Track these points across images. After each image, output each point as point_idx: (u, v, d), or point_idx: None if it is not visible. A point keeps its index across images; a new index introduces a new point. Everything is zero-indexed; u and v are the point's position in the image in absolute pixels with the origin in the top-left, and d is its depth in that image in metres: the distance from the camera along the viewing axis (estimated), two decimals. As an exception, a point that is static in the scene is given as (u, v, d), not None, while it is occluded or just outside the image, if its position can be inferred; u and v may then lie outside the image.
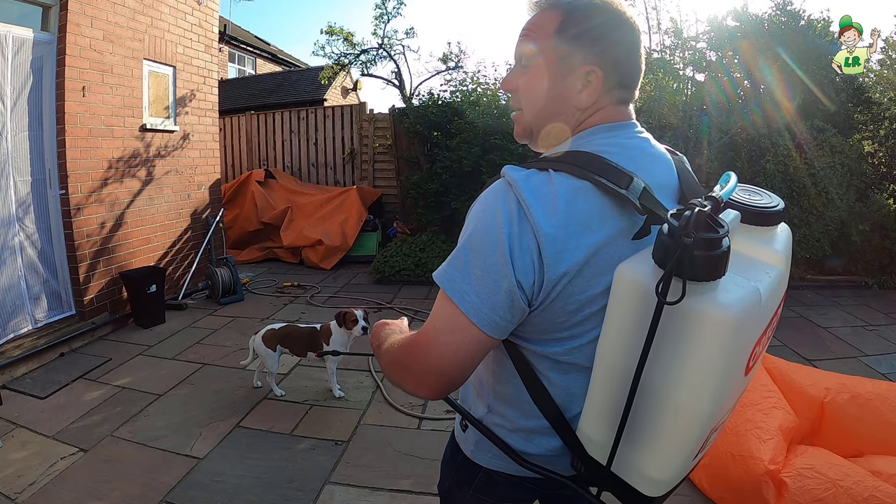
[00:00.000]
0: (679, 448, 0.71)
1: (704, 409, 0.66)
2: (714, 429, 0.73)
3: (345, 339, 2.79)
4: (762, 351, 0.75)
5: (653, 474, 0.74)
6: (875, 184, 5.49)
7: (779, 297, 0.76)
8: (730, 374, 0.66)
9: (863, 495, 1.61)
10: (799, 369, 2.21)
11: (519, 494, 0.98)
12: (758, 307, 0.66)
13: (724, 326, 0.62)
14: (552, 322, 0.77)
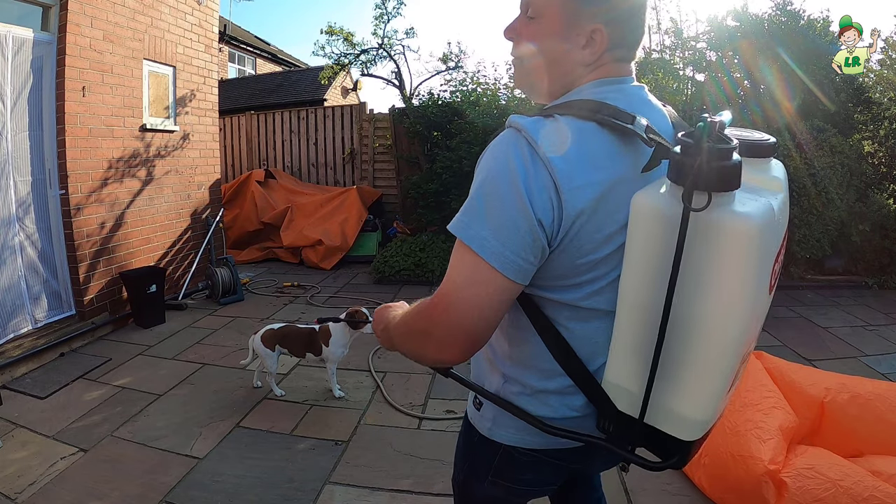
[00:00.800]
0: (715, 379, 0.70)
1: (737, 328, 0.67)
2: (745, 356, 0.72)
3: (345, 338, 2.79)
4: (777, 273, 0.75)
5: (690, 414, 0.73)
6: (875, 184, 5.48)
7: (784, 223, 0.78)
8: (758, 288, 0.66)
9: (863, 495, 1.61)
10: (799, 369, 2.21)
11: (541, 478, 0.95)
12: (773, 221, 0.67)
13: (749, 235, 0.63)
14: (571, 265, 0.76)
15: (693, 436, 0.75)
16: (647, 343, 0.71)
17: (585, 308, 0.80)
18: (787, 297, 4.91)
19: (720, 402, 0.74)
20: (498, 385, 0.90)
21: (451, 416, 2.66)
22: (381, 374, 3.16)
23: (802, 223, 5.18)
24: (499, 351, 0.90)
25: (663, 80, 5.92)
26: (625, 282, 0.75)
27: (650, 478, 2.15)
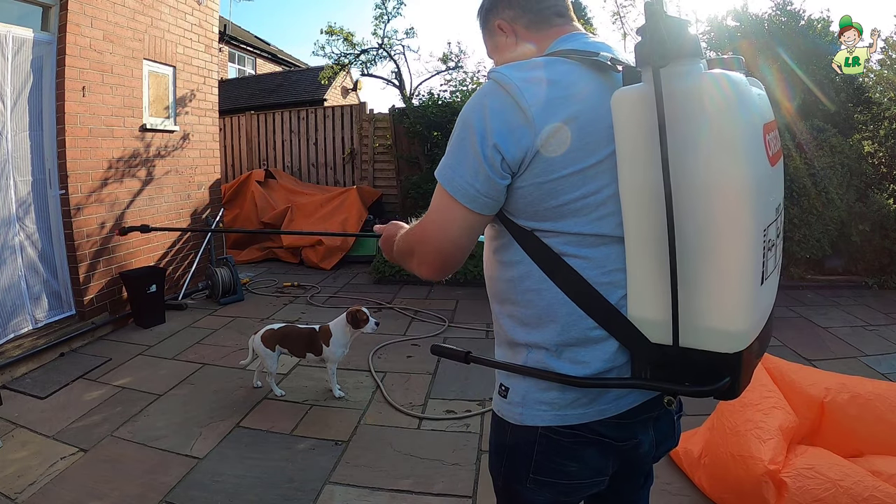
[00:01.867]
0: (740, 265, 0.69)
1: (744, 195, 0.67)
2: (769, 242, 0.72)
3: (346, 338, 2.80)
4: (775, 153, 0.76)
5: (728, 316, 0.71)
6: (875, 184, 5.48)
7: (768, 113, 0.80)
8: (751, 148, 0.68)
9: (863, 495, 1.61)
10: (799, 369, 2.20)
11: (587, 467, 0.88)
12: (749, 92, 0.71)
13: (720, 81, 0.68)
14: (566, 186, 0.78)
15: (738, 346, 0.72)
16: (662, 252, 0.71)
17: (591, 235, 0.80)
18: (787, 297, 4.91)
19: (757, 298, 0.71)
20: (523, 358, 0.87)
21: (451, 416, 2.66)
22: (381, 374, 3.16)
23: (802, 223, 5.18)
24: (515, 322, 0.88)
25: (663, 80, 5.92)
26: (623, 185, 0.76)
27: (650, 478, 2.15)
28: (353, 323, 2.74)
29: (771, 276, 0.77)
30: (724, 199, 0.68)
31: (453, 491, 2.05)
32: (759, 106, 0.73)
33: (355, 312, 2.75)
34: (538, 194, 0.79)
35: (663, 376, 0.78)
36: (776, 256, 0.78)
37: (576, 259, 0.81)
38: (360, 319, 2.74)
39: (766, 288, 0.74)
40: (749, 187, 0.68)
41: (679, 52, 0.68)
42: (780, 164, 0.80)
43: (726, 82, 0.68)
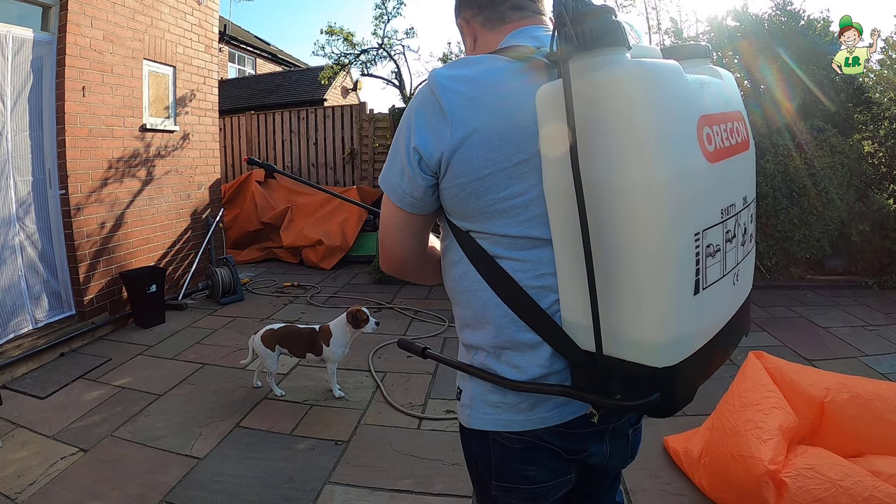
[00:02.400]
0: (659, 276, 0.63)
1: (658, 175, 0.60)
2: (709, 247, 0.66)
3: (346, 338, 2.80)
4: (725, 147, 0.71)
5: (646, 335, 0.65)
6: (875, 184, 5.48)
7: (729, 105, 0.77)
8: (667, 140, 0.62)
9: (863, 495, 1.61)
10: (799, 369, 2.20)
11: (546, 471, 0.87)
12: (680, 80, 0.66)
13: (635, 80, 0.62)
14: (486, 187, 0.76)
15: (663, 360, 0.65)
16: (578, 245, 0.66)
17: (521, 237, 0.77)
18: (787, 297, 4.91)
19: (683, 310, 0.65)
20: (470, 360, 0.88)
21: (451, 416, 2.66)
22: (381, 374, 3.16)
23: (802, 223, 5.18)
24: (460, 324, 0.90)
25: (663, 80, 5.92)
26: (545, 185, 0.72)
27: (650, 478, 2.15)
28: (354, 323, 2.75)
29: (719, 283, 0.70)
30: (635, 201, 0.62)
31: (453, 491, 2.05)
32: (693, 97, 0.67)
33: (355, 312, 2.75)
34: (463, 195, 0.78)
35: (599, 386, 0.72)
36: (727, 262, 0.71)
37: (507, 261, 0.79)
38: (360, 319, 2.74)
39: (707, 297, 0.67)
40: (661, 188, 0.61)
41: (597, 43, 0.63)
42: (736, 160, 0.73)
43: (641, 72, 0.62)
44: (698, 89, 0.69)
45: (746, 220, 0.77)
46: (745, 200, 0.76)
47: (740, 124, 0.77)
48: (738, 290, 0.77)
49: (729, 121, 0.74)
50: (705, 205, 0.66)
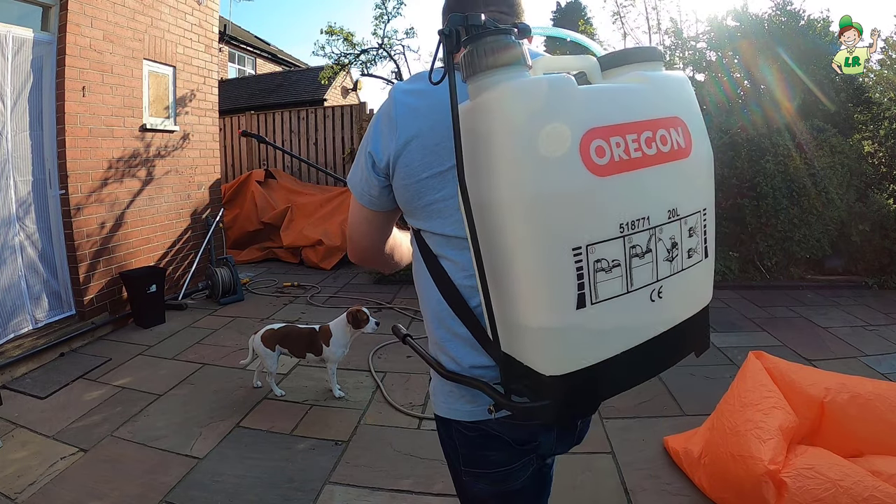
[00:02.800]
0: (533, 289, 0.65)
1: (525, 191, 0.62)
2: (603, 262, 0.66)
3: (346, 338, 2.80)
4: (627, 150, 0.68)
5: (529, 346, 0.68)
6: (875, 184, 5.48)
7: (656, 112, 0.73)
8: (546, 150, 0.62)
9: (863, 495, 1.61)
10: (799, 369, 2.20)
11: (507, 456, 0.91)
12: (562, 96, 0.64)
13: (506, 97, 0.63)
14: (415, 183, 0.84)
15: (549, 369, 0.66)
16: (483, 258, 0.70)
17: (454, 237, 0.83)
18: (787, 297, 4.91)
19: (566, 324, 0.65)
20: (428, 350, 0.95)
21: (451, 416, 2.66)
22: (381, 374, 3.16)
23: (802, 223, 5.18)
24: (427, 322, 0.94)
25: (663, 80, 5.91)
26: (458, 192, 0.73)
27: (650, 478, 2.15)
28: (354, 323, 2.75)
29: (623, 298, 0.68)
30: (504, 217, 0.64)
31: (453, 491, 2.04)
32: (579, 111, 0.65)
33: (356, 312, 2.75)
34: (408, 195, 0.86)
35: (507, 385, 0.74)
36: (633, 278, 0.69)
37: (445, 260, 0.86)
38: (360, 319, 2.74)
39: (602, 311, 0.66)
40: (524, 205, 0.62)
41: (487, 65, 0.65)
42: (654, 170, 0.69)
43: (505, 94, 0.64)
44: (594, 101, 0.67)
45: (678, 234, 0.73)
46: (672, 213, 0.72)
47: (674, 131, 0.73)
48: (667, 306, 0.74)
49: (647, 129, 0.70)
50: (590, 220, 0.65)
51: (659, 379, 3.10)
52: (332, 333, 2.78)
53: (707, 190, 0.79)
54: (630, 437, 2.47)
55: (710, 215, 0.79)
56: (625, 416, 2.68)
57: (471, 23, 0.66)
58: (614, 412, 2.71)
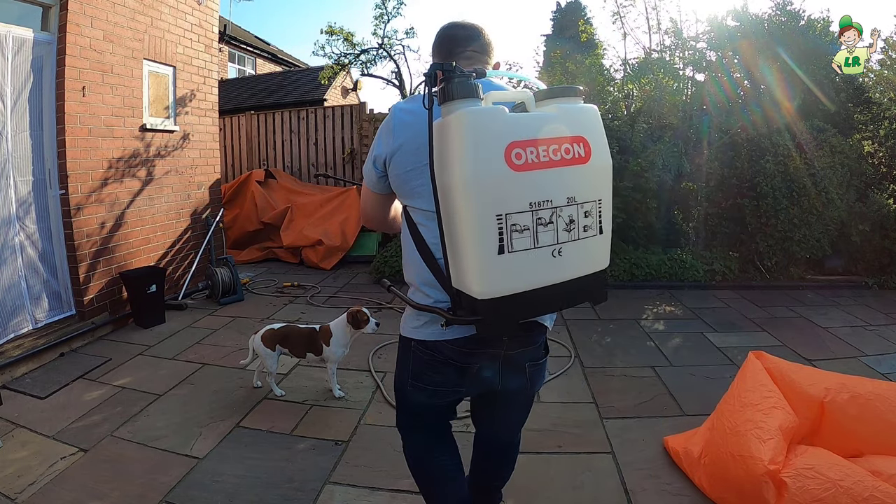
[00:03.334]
0: (470, 241, 0.99)
1: (466, 176, 0.97)
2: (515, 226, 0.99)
3: (346, 338, 2.80)
4: (538, 158, 1.01)
5: (468, 277, 1.03)
6: (875, 184, 5.48)
7: (564, 132, 1.04)
8: (482, 152, 0.97)
9: (863, 495, 1.61)
10: (799, 369, 2.20)
11: (445, 378, 1.31)
12: (500, 118, 0.99)
13: (463, 118, 0.98)
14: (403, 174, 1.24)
15: (478, 294, 1.01)
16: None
17: (429, 210, 1.14)
18: (787, 297, 4.91)
19: (490, 264, 0.98)
20: (408, 293, 1.33)
21: (451, 416, 2.66)
22: (381, 374, 3.16)
23: (802, 223, 5.18)
24: (407, 272, 1.34)
25: (663, 79, 5.92)
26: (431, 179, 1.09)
27: (650, 478, 2.15)
28: (354, 323, 2.75)
29: (531, 252, 1.01)
30: (456, 193, 0.99)
31: (453, 491, 2.04)
32: (505, 131, 0.98)
33: (356, 313, 2.75)
34: (398, 182, 1.27)
35: (455, 310, 1.12)
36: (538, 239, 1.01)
37: (422, 227, 1.23)
38: (360, 320, 2.74)
39: (515, 259, 0.99)
40: (466, 187, 0.97)
41: (453, 96, 0.99)
42: (556, 171, 1.02)
43: (460, 118, 0.98)
44: (516, 124, 1.01)
45: (575, 214, 1.05)
46: (571, 199, 1.04)
47: (577, 145, 1.05)
48: (566, 262, 1.06)
49: (553, 143, 1.02)
50: (509, 198, 0.98)
51: (659, 379, 3.10)
52: (333, 333, 2.78)
53: (602, 187, 1.10)
54: (630, 437, 2.47)
55: (605, 205, 1.11)
56: (625, 416, 2.68)
57: (445, 68, 1.03)
58: (614, 412, 2.71)
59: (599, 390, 2.97)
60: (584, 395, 2.93)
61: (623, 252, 5.59)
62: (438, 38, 1.41)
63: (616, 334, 3.97)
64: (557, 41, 11.35)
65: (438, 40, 1.41)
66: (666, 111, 5.90)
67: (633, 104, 6.33)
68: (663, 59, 6.00)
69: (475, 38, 1.38)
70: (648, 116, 5.84)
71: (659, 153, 5.32)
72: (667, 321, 4.30)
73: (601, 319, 4.32)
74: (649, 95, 6.07)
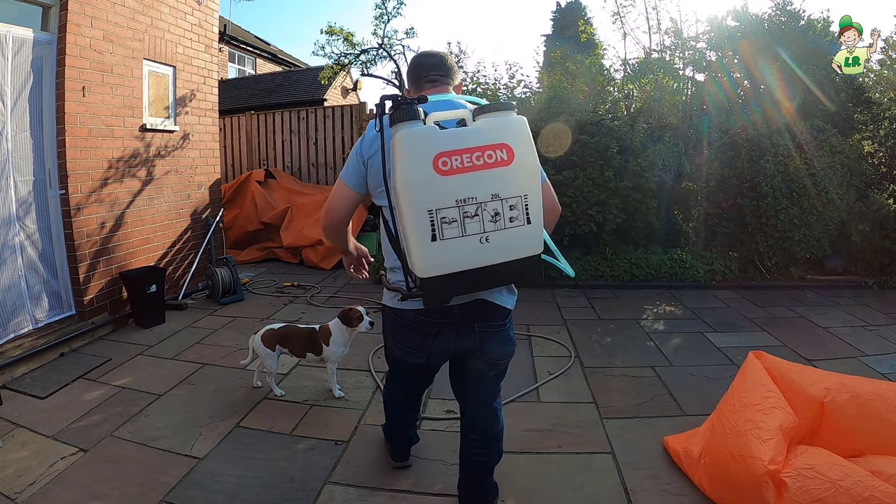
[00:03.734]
0: (410, 229, 1.27)
1: (404, 181, 1.25)
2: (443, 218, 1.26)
3: (345, 337, 2.79)
4: (458, 167, 1.26)
5: (413, 259, 1.31)
6: (875, 184, 5.48)
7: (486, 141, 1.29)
8: (414, 162, 1.25)
9: (863, 495, 1.61)
10: (799, 369, 2.20)
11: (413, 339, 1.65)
12: (429, 134, 1.27)
13: (400, 136, 1.26)
14: (376, 178, 1.52)
15: (420, 273, 1.30)
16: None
17: (392, 208, 1.39)
18: (787, 297, 4.91)
19: (426, 250, 1.27)
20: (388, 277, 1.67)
21: (452, 416, 2.66)
22: (381, 375, 3.16)
23: (802, 223, 5.18)
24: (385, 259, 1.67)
25: (663, 80, 5.92)
26: None
27: (650, 478, 2.15)
28: (346, 321, 2.73)
29: (460, 239, 1.27)
30: (398, 194, 1.27)
31: (453, 491, 2.04)
32: (434, 143, 1.26)
33: (348, 312, 2.74)
34: (372, 183, 1.56)
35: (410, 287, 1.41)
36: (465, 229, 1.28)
37: (389, 222, 1.47)
38: (353, 318, 2.72)
39: (446, 245, 1.27)
40: (405, 188, 1.25)
41: (398, 119, 1.27)
42: (478, 174, 1.27)
43: (401, 136, 1.26)
44: (449, 136, 1.28)
45: (499, 207, 1.30)
46: (495, 196, 1.29)
47: (500, 151, 1.29)
48: (494, 248, 1.31)
49: (477, 151, 1.28)
50: (437, 196, 1.25)
51: (659, 379, 3.10)
52: (332, 333, 2.78)
53: (527, 184, 1.33)
54: (630, 437, 2.47)
55: (531, 199, 1.33)
56: (625, 416, 2.68)
57: (391, 98, 1.30)
58: (614, 412, 2.71)
59: (599, 390, 2.97)
60: (584, 395, 2.93)
61: (623, 252, 5.59)
62: (410, 65, 1.77)
63: (616, 334, 3.97)
64: (557, 41, 11.36)
65: (410, 67, 1.76)
66: (666, 111, 5.90)
67: (633, 104, 6.33)
68: (663, 59, 6.00)
69: (438, 65, 1.70)
70: (648, 116, 5.84)
71: (659, 153, 5.32)
72: (667, 321, 4.30)
73: (601, 319, 4.32)
74: (649, 95, 6.07)
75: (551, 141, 5.16)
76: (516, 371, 3.23)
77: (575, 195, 5.33)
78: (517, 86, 6.29)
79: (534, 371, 3.24)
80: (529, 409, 2.76)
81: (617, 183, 5.29)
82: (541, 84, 6.75)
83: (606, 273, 5.41)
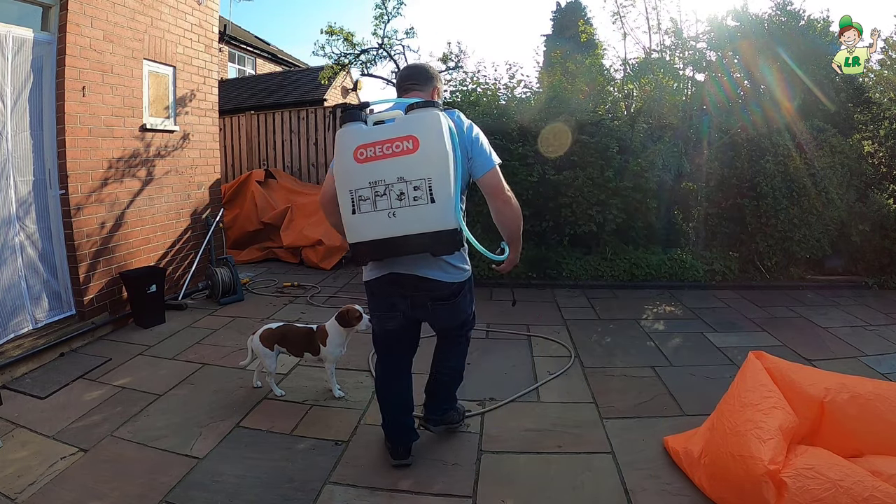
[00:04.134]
0: (341, 203, 1.77)
1: (336, 168, 1.75)
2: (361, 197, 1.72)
3: (342, 338, 2.78)
4: (371, 156, 1.70)
5: (345, 231, 1.81)
6: (875, 184, 5.48)
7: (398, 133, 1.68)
8: (341, 153, 1.73)
9: (863, 495, 1.61)
10: (799, 369, 2.20)
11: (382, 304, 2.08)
12: (353, 131, 1.73)
13: (337, 135, 1.77)
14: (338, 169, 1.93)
15: (350, 240, 1.80)
16: None
17: None
18: (787, 297, 4.91)
19: (351, 221, 1.76)
20: None
21: (451, 416, 2.66)
22: (381, 374, 3.15)
23: (802, 223, 5.18)
24: None
25: (663, 79, 5.92)
26: None
27: (650, 478, 2.15)
28: (343, 322, 2.72)
29: (372, 213, 1.71)
30: (336, 177, 1.77)
31: (453, 491, 2.05)
32: (357, 137, 1.71)
33: (346, 312, 2.72)
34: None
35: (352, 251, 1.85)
36: (377, 204, 1.70)
37: None
38: (351, 318, 2.71)
39: (363, 217, 1.72)
40: (336, 174, 1.76)
41: (344, 120, 1.70)
42: (388, 161, 1.67)
43: (340, 132, 1.74)
44: (368, 132, 1.70)
45: (404, 188, 1.66)
46: (401, 179, 1.66)
47: (406, 142, 1.64)
48: (400, 222, 1.69)
49: (387, 143, 1.66)
50: (356, 180, 1.71)
51: (659, 379, 3.10)
52: (329, 333, 2.77)
53: (431, 168, 1.64)
54: (630, 437, 2.47)
55: (435, 181, 1.64)
56: (625, 416, 2.68)
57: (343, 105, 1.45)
58: (614, 412, 2.71)
59: (599, 390, 2.97)
60: (584, 395, 2.93)
61: (623, 252, 5.59)
62: (397, 75, 2.13)
63: (616, 334, 3.97)
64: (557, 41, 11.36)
65: (396, 77, 2.12)
66: (666, 111, 5.90)
67: (633, 104, 6.33)
68: (663, 59, 6.00)
69: (412, 76, 2.07)
70: (648, 116, 5.84)
71: (659, 153, 5.32)
72: (667, 321, 4.30)
73: (601, 319, 4.32)
74: (649, 95, 6.07)
75: (551, 141, 5.17)
76: (516, 371, 3.24)
77: (575, 195, 5.33)
78: (517, 86, 6.29)
79: (534, 371, 3.24)
80: (529, 409, 2.76)
81: (617, 183, 5.29)
82: (541, 84, 6.76)
83: (606, 273, 5.42)
